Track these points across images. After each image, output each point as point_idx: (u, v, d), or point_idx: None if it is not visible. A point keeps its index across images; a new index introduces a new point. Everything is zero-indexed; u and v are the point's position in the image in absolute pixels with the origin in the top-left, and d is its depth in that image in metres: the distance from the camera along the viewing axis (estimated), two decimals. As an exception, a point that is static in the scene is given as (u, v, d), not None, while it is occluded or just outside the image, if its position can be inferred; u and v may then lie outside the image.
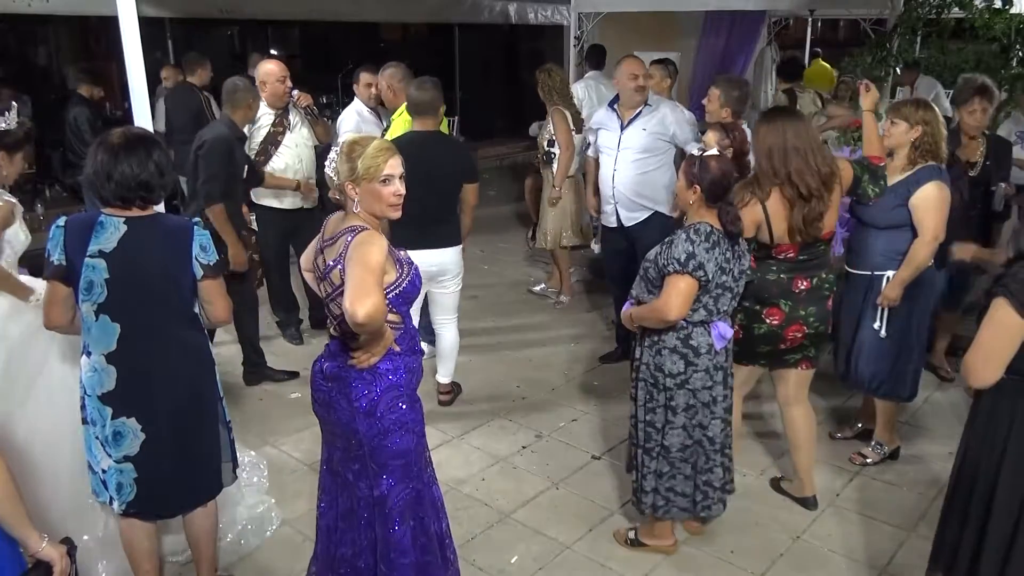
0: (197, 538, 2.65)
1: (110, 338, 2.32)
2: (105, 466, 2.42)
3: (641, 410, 2.83)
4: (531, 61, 13.16)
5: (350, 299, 1.97)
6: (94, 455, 2.46)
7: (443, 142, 3.98)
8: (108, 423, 2.37)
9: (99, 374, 2.35)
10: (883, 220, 3.26)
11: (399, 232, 2.33)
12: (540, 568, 2.98)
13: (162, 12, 6.81)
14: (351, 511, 2.37)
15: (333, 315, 2.27)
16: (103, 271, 2.27)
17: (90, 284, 2.27)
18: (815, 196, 2.86)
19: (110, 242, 2.28)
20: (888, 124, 3.28)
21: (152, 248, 2.34)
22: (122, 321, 2.31)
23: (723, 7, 7.46)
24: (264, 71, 4.45)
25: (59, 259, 2.28)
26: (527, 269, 6.62)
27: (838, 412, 4.11)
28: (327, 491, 2.44)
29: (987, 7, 4.69)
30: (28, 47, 10.40)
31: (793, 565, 2.98)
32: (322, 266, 2.24)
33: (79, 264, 2.27)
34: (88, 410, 2.43)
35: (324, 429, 2.42)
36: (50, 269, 2.31)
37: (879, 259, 3.32)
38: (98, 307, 2.30)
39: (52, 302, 2.36)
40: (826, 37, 13.87)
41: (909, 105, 3.31)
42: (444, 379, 4.26)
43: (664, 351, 2.72)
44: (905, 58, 5.26)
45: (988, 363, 1.96)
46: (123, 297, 2.30)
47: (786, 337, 3.02)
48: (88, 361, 2.37)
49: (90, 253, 2.26)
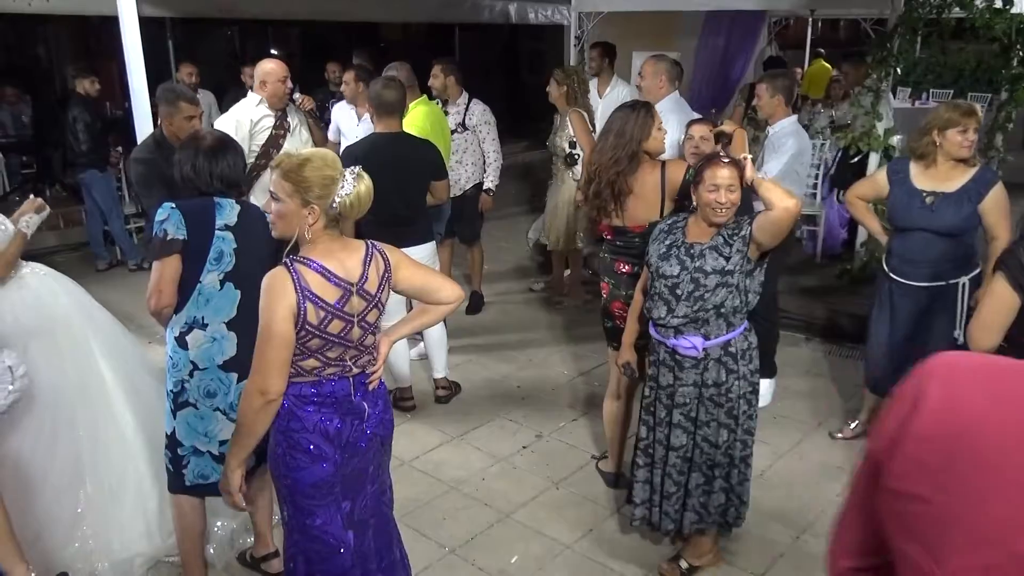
0: (260, 488, 2.80)
1: (232, 304, 2.55)
2: (227, 435, 2.47)
3: (743, 425, 2.71)
4: (532, 61, 13.22)
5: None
6: (208, 433, 2.57)
7: (408, 143, 3.90)
8: (233, 388, 2.55)
9: (219, 343, 2.54)
10: (958, 226, 3.19)
11: (368, 235, 2.34)
12: (540, 568, 2.98)
13: (162, 12, 6.80)
14: (376, 527, 2.33)
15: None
16: (231, 242, 2.53)
17: (220, 254, 2.52)
18: (595, 180, 3.01)
19: (232, 217, 2.55)
20: (952, 132, 3.14)
21: (258, 224, 2.56)
22: (243, 288, 2.53)
23: (723, 7, 7.45)
24: (264, 71, 4.30)
25: (183, 234, 2.45)
26: (528, 268, 6.61)
27: (839, 413, 4.11)
28: (355, 552, 2.24)
29: (988, 7, 4.67)
30: (29, 47, 10.40)
31: (793, 565, 2.98)
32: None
33: (204, 239, 2.49)
34: (201, 386, 2.54)
35: (354, 484, 2.22)
36: (171, 245, 2.44)
37: (947, 267, 3.24)
38: (224, 276, 2.53)
39: (170, 279, 2.46)
40: (827, 37, 13.87)
41: (957, 109, 3.19)
42: (439, 373, 4.27)
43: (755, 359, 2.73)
44: (904, 58, 5.25)
45: (986, 331, 2.19)
46: (244, 265, 2.53)
47: (613, 312, 3.17)
48: (204, 333, 2.53)
49: (219, 227, 2.52)
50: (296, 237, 2.03)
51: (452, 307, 2.30)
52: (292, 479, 2.12)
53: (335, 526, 2.17)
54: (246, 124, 4.19)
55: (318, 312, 2.00)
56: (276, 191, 2.03)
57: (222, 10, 7.39)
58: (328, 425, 2.09)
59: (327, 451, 2.10)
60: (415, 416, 4.12)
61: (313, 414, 2.08)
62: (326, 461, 2.10)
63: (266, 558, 2.91)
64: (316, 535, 2.16)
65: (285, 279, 1.98)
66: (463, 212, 5.16)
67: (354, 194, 2.02)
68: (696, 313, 2.59)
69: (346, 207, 2.02)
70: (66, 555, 2.77)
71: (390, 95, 3.79)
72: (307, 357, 2.05)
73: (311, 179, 1.98)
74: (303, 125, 4.51)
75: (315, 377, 2.08)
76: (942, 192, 3.19)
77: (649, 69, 4.37)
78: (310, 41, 12.32)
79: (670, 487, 2.77)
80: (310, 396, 2.08)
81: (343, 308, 2.04)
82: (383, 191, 2.25)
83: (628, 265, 3.11)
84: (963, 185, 3.17)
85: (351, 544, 2.21)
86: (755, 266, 2.59)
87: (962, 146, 3.14)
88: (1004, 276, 2.15)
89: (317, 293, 1.99)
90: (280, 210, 2.03)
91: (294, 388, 2.07)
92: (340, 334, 2.05)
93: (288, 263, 2.01)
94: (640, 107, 3.03)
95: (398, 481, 2.66)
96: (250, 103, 4.25)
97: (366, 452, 2.20)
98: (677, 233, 2.69)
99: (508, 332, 5.30)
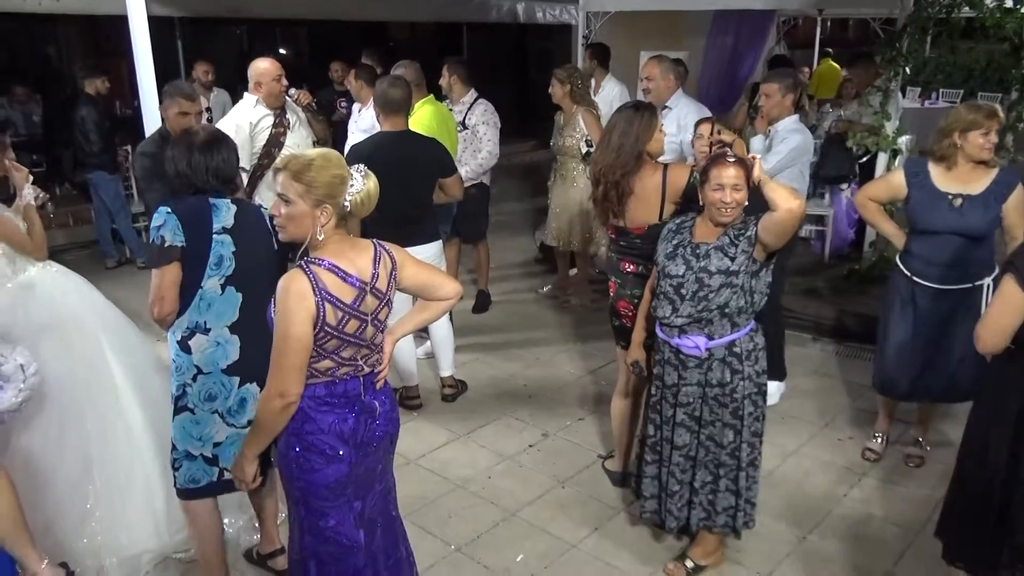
0: (270, 488, 2.83)
1: (234, 308, 2.50)
2: (222, 437, 2.55)
3: (750, 427, 2.70)
4: (539, 60, 13.21)
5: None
6: (203, 437, 2.54)
7: (414, 141, 3.89)
8: (234, 392, 2.54)
9: (223, 347, 2.50)
10: (987, 228, 3.17)
11: (374, 234, 2.33)
12: (546, 567, 2.98)
13: (171, 11, 6.84)
14: (383, 525, 2.33)
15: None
16: (230, 245, 2.47)
17: (220, 259, 2.46)
18: (602, 182, 2.99)
19: (228, 219, 2.49)
20: (975, 135, 3.11)
21: (256, 224, 2.55)
22: (244, 291, 2.50)
23: (732, 6, 7.42)
24: (259, 71, 4.22)
25: (181, 241, 2.39)
26: (535, 267, 6.62)
27: (847, 413, 4.10)
28: (366, 551, 2.25)
29: (998, 6, 4.64)
30: (39, 47, 10.46)
31: (800, 565, 2.98)
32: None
33: (203, 244, 2.43)
34: (203, 390, 2.51)
35: (365, 483, 2.22)
36: (169, 253, 2.39)
37: (973, 269, 3.23)
38: (225, 279, 2.48)
39: (171, 285, 2.42)
40: (835, 36, 13.82)
41: (980, 111, 3.15)
42: (445, 372, 4.28)
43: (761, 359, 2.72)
44: (914, 58, 5.22)
45: (994, 333, 2.18)
46: (245, 267, 2.50)
47: (619, 311, 3.17)
48: (207, 338, 2.49)
49: (216, 231, 2.45)
50: (308, 239, 2.02)
51: (452, 302, 2.32)
52: (306, 481, 2.11)
53: (347, 526, 2.17)
54: (246, 127, 4.18)
55: (336, 313, 2.00)
56: (286, 193, 2.01)
57: (231, 9, 7.42)
58: (343, 426, 2.09)
59: (343, 451, 2.10)
60: (422, 414, 4.13)
61: (327, 415, 2.08)
62: (341, 462, 2.10)
63: (272, 555, 2.92)
64: (329, 536, 2.16)
65: (303, 281, 1.97)
66: (465, 211, 5.17)
67: (364, 192, 2.02)
68: (700, 313, 2.59)
69: (357, 205, 2.02)
70: (75, 550, 2.79)
71: (396, 94, 3.79)
72: (322, 358, 2.05)
73: (321, 179, 1.98)
74: (302, 122, 4.48)
75: (328, 378, 2.08)
76: (968, 194, 3.15)
77: (657, 70, 4.36)
78: (318, 41, 12.35)
79: (673, 485, 2.78)
80: (323, 397, 2.08)
81: (359, 307, 2.04)
82: (389, 190, 2.25)
83: (633, 265, 3.11)
84: (988, 187, 3.15)
85: (363, 544, 2.21)
86: (761, 267, 2.59)
87: (984, 148, 3.11)
88: (1013, 277, 2.13)
89: (334, 294, 1.99)
90: (291, 212, 2.01)
91: (308, 390, 2.07)
92: (356, 333, 2.06)
93: (303, 265, 2.01)
94: (643, 108, 3.03)
95: (405, 479, 2.68)
96: (247, 105, 4.23)
97: (377, 450, 2.21)
98: (684, 233, 2.70)
99: (515, 331, 5.30)
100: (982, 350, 2.24)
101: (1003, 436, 2.27)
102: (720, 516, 2.77)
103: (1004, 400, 2.28)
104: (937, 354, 3.32)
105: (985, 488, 2.31)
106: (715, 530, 2.83)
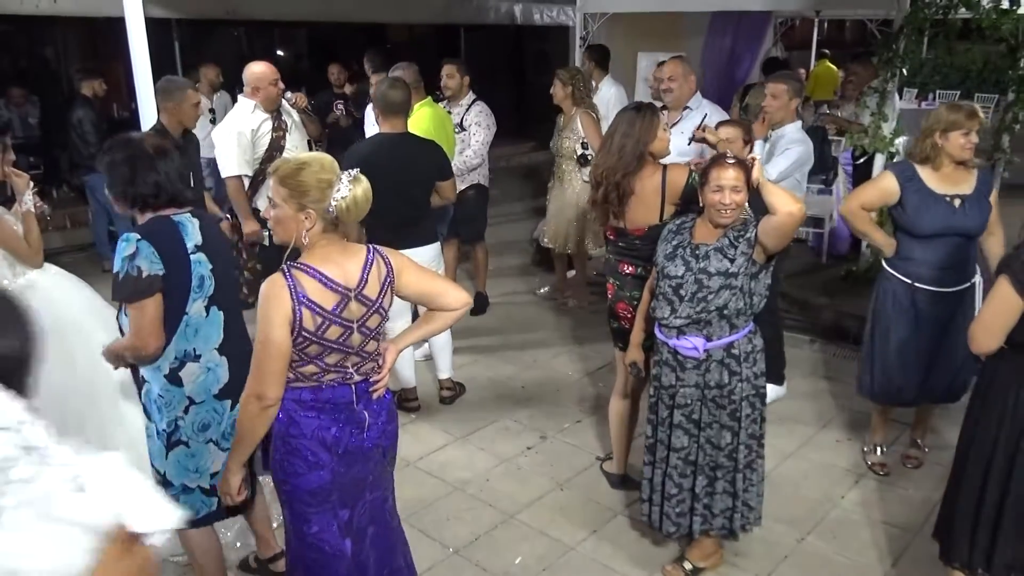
0: (259, 511, 2.82)
1: (219, 329, 2.41)
2: (218, 467, 2.41)
3: (747, 429, 2.69)
4: (537, 62, 13.22)
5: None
6: (199, 468, 2.45)
7: (413, 143, 3.89)
8: (227, 416, 2.44)
9: (213, 371, 2.41)
10: (983, 226, 3.18)
11: (373, 235, 2.32)
12: (544, 569, 2.98)
13: (169, 13, 6.83)
14: (375, 534, 2.30)
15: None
16: (206, 263, 2.35)
17: (201, 279, 2.34)
18: (603, 184, 2.99)
19: (197, 236, 2.35)
20: (958, 135, 3.11)
21: (219, 235, 2.49)
22: (225, 308, 2.42)
23: (729, 7, 7.44)
24: (255, 76, 4.19)
25: (159, 269, 2.22)
26: (532, 269, 6.62)
27: (844, 415, 4.10)
28: (352, 561, 2.23)
29: (994, 7, 4.65)
30: (36, 48, 10.45)
31: (798, 567, 2.98)
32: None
33: (182, 267, 2.29)
34: (196, 421, 2.40)
35: (353, 491, 2.19)
36: (151, 284, 2.21)
37: (971, 267, 3.26)
38: (208, 300, 2.37)
39: (156, 318, 2.25)
40: (832, 38, 13.84)
41: (961, 111, 3.13)
42: (444, 374, 4.28)
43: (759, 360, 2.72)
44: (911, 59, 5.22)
45: (988, 333, 2.21)
46: (221, 284, 2.41)
47: (618, 313, 3.17)
48: (198, 365, 2.37)
49: (191, 250, 2.32)
50: (295, 242, 2.02)
51: (459, 313, 2.24)
52: (291, 484, 2.11)
53: (330, 534, 2.15)
54: (247, 134, 4.17)
55: (315, 318, 1.98)
56: (273, 196, 2.02)
57: (228, 11, 7.41)
58: (325, 433, 2.07)
59: (324, 459, 2.08)
60: (420, 417, 4.13)
61: (312, 420, 2.07)
62: (323, 468, 2.08)
63: (273, 559, 2.89)
64: (312, 542, 2.15)
65: (281, 286, 1.96)
66: (464, 213, 5.17)
67: (350, 197, 1.99)
68: (699, 314, 2.59)
69: (343, 211, 2.00)
70: None
71: (395, 95, 3.79)
72: (306, 363, 2.04)
73: (307, 183, 1.97)
74: (296, 124, 4.47)
75: (315, 383, 2.07)
76: (964, 195, 3.15)
77: (680, 70, 4.22)
78: (316, 42, 12.35)
79: (671, 488, 2.77)
80: (309, 402, 2.07)
81: (340, 314, 2.02)
82: (387, 192, 2.25)
83: (632, 266, 3.11)
84: (976, 186, 3.17)
85: (348, 553, 2.19)
86: (760, 269, 2.59)
87: (964, 148, 3.10)
88: (1008, 279, 2.14)
89: (314, 299, 1.98)
90: (278, 215, 2.02)
91: (293, 393, 2.06)
92: (339, 340, 2.03)
93: (285, 269, 2.00)
94: (644, 109, 3.03)
95: (403, 482, 2.67)
96: (244, 111, 4.22)
97: (366, 462, 2.18)
98: (684, 234, 2.70)
99: (513, 333, 5.30)
100: (976, 350, 2.26)
101: (999, 436, 2.29)
102: (717, 519, 2.77)
103: (998, 400, 2.29)
104: (940, 356, 3.31)
105: (982, 488, 2.32)
106: (712, 532, 2.83)
